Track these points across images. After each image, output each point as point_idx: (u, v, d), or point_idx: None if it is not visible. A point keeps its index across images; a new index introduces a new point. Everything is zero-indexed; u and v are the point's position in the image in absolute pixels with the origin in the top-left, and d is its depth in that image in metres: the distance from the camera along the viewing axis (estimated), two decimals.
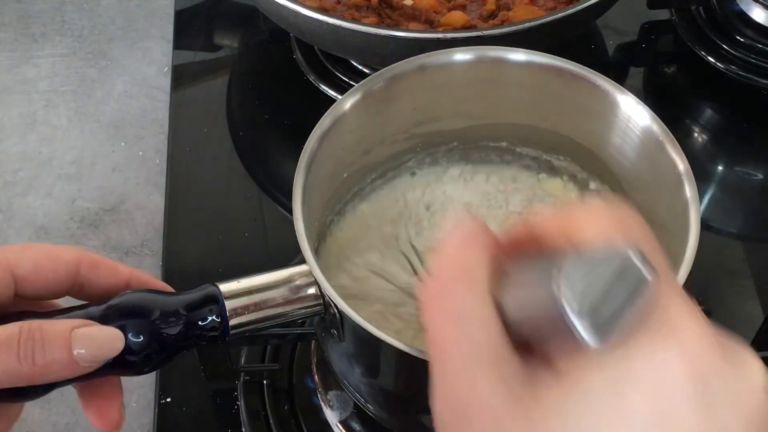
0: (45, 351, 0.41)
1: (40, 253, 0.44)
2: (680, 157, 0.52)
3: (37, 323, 0.41)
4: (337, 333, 0.50)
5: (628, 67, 0.90)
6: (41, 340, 0.41)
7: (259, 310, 0.48)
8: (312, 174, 0.53)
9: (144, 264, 0.77)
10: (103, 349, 0.43)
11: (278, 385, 0.64)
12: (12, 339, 0.40)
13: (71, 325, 0.42)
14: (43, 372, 0.41)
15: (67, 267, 0.45)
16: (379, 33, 0.71)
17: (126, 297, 0.45)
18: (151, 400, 0.68)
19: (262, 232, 0.76)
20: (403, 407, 0.54)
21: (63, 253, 0.45)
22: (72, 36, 0.98)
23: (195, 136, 0.84)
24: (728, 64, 0.86)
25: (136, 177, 0.84)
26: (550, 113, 0.61)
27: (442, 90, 0.60)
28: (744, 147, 0.84)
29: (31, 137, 0.88)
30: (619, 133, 0.57)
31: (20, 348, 0.40)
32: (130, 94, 0.92)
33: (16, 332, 0.41)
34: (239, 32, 0.95)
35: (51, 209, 0.82)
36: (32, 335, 0.41)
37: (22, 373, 0.41)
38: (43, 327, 0.41)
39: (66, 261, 0.45)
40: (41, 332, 0.41)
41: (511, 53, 0.59)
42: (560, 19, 0.72)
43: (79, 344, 0.42)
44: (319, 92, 0.86)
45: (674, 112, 0.86)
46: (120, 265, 0.47)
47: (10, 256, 0.44)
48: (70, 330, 0.42)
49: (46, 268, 0.44)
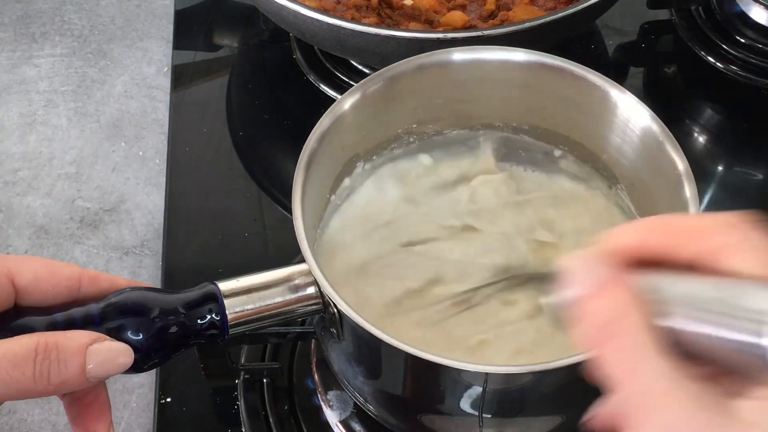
0: (60, 370, 0.41)
1: (41, 266, 0.44)
2: (680, 157, 0.52)
3: (53, 339, 0.41)
4: (337, 332, 0.50)
5: (628, 67, 0.90)
6: (57, 361, 0.41)
7: (259, 308, 0.48)
8: (311, 174, 0.53)
9: (144, 264, 0.77)
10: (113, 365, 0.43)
11: (278, 384, 0.64)
12: (28, 359, 0.40)
13: (86, 341, 0.42)
14: (55, 389, 0.41)
15: (67, 282, 0.45)
16: (379, 33, 0.71)
17: (125, 295, 0.45)
18: (151, 400, 0.68)
19: (262, 232, 0.76)
20: (403, 407, 0.54)
21: (63, 268, 0.45)
22: (72, 36, 0.98)
23: (195, 136, 0.84)
24: (728, 64, 0.86)
25: (136, 177, 0.84)
26: (549, 113, 0.61)
27: (442, 90, 0.60)
28: (744, 147, 0.84)
29: (31, 137, 0.88)
30: (619, 133, 0.57)
31: (36, 368, 0.40)
32: (130, 94, 0.92)
33: (32, 351, 0.40)
34: (239, 32, 0.95)
35: (51, 209, 0.82)
36: (48, 355, 0.40)
37: (36, 391, 0.41)
38: (59, 345, 0.41)
39: (66, 276, 0.45)
40: (57, 351, 0.41)
41: (510, 53, 0.59)
42: (560, 19, 0.72)
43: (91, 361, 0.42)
44: (319, 92, 0.86)
45: (674, 112, 0.86)
46: (118, 278, 0.47)
47: (11, 265, 0.44)
48: (86, 347, 0.42)
49: (47, 281, 0.44)
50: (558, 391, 0.50)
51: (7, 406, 0.69)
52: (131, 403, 0.69)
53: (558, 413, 0.52)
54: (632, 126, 0.56)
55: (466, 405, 0.49)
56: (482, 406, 0.48)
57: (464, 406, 0.49)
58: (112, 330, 0.44)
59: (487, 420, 0.50)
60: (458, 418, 0.51)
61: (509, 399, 0.50)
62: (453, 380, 0.48)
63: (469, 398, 0.48)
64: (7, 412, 0.69)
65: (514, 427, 0.53)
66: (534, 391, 0.49)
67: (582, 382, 0.50)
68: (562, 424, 0.52)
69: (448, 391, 0.49)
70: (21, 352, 0.40)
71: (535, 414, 0.52)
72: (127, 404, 0.69)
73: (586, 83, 0.57)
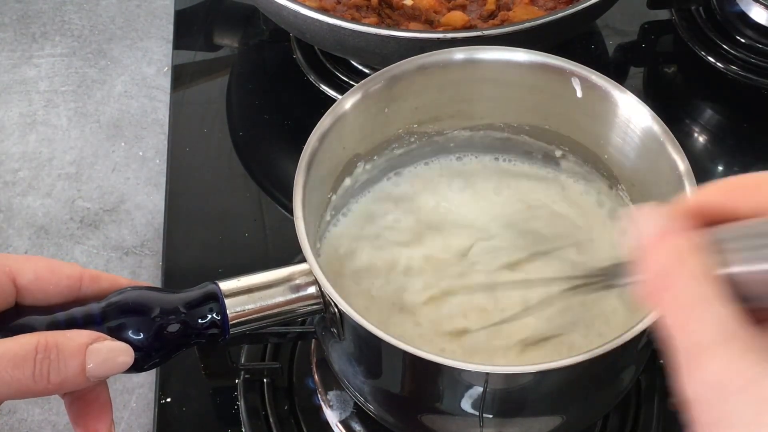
0: (60, 370, 0.41)
1: (42, 265, 0.44)
2: (681, 158, 0.52)
3: (53, 339, 0.41)
4: (337, 332, 0.50)
5: (628, 67, 0.90)
6: (57, 360, 0.41)
7: (259, 308, 0.48)
8: (312, 174, 0.53)
9: (144, 264, 0.77)
10: (113, 365, 0.43)
11: (278, 384, 0.64)
12: (28, 359, 0.40)
13: (86, 340, 0.42)
14: (55, 389, 0.41)
15: (68, 281, 0.45)
16: (379, 33, 0.71)
17: (126, 294, 0.45)
18: (151, 400, 0.68)
19: (262, 232, 0.76)
20: (403, 407, 0.54)
21: (64, 268, 0.45)
22: (72, 36, 0.98)
23: (195, 136, 0.84)
24: (728, 64, 0.87)
25: (136, 177, 0.84)
26: (550, 113, 0.61)
27: (442, 90, 0.60)
28: (744, 147, 0.84)
29: (31, 137, 0.88)
30: (620, 133, 0.57)
31: (36, 367, 0.40)
32: (130, 94, 0.92)
33: (32, 350, 0.40)
34: (239, 32, 0.95)
35: (51, 209, 0.82)
36: (48, 354, 0.41)
37: (36, 390, 0.41)
38: (59, 344, 0.41)
39: (67, 275, 0.45)
40: (57, 351, 0.41)
41: (511, 53, 0.59)
42: (560, 19, 0.72)
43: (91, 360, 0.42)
44: (319, 92, 0.86)
45: (674, 112, 0.86)
46: (119, 277, 0.47)
47: (13, 264, 0.44)
48: (85, 347, 0.42)
49: (48, 281, 0.44)
50: (559, 391, 0.50)
51: (7, 406, 0.69)
52: (131, 403, 0.69)
53: (559, 413, 0.52)
54: (633, 126, 0.56)
55: (467, 405, 0.49)
56: (483, 406, 0.48)
57: (465, 406, 0.49)
58: (113, 329, 0.44)
59: (487, 420, 0.50)
60: (458, 418, 0.51)
61: (510, 399, 0.50)
62: (453, 380, 0.48)
63: (470, 398, 0.48)
64: (7, 412, 0.69)
65: (514, 427, 0.53)
66: (535, 391, 0.49)
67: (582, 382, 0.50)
68: (562, 424, 0.52)
69: (448, 391, 0.49)
70: (21, 351, 0.40)
71: (535, 414, 0.52)
72: (127, 404, 0.69)
73: (586, 83, 0.57)
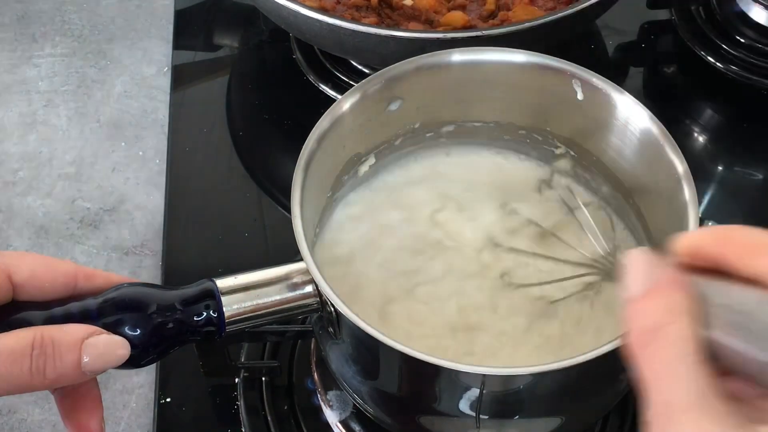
0: (56, 365, 0.41)
1: (37, 262, 0.44)
2: (679, 159, 0.52)
3: (48, 334, 0.41)
4: (334, 331, 0.50)
5: (627, 67, 0.90)
6: (53, 356, 0.41)
7: (256, 306, 0.48)
8: (311, 174, 0.53)
9: (144, 264, 0.77)
10: (109, 358, 0.43)
11: (277, 383, 0.64)
12: (24, 354, 0.40)
13: (82, 335, 0.42)
14: (51, 384, 0.41)
15: (64, 278, 0.45)
16: (379, 33, 0.71)
17: (123, 290, 0.45)
18: (150, 400, 0.68)
19: (262, 232, 0.76)
20: (400, 407, 0.54)
21: (59, 264, 0.45)
22: (72, 36, 0.98)
23: (195, 136, 0.84)
24: (728, 64, 0.86)
25: (136, 177, 0.84)
26: (549, 114, 0.61)
27: (442, 90, 0.60)
28: (744, 147, 0.84)
29: (31, 137, 0.88)
30: (619, 134, 0.57)
31: (32, 363, 0.40)
32: (130, 94, 0.92)
33: (28, 345, 0.41)
34: (239, 32, 0.95)
35: (51, 209, 0.82)
36: (44, 350, 0.41)
37: (33, 385, 0.41)
38: (55, 338, 0.41)
39: (63, 272, 0.45)
40: (53, 346, 0.41)
41: (510, 54, 0.59)
42: (560, 19, 0.72)
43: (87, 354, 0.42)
44: (319, 92, 0.86)
45: (674, 112, 0.86)
46: (114, 275, 0.47)
47: (9, 261, 0.44)
48: (81, 341, 0.42)
49: (44, 278, 0.44)
50: (557, 393, 0.50)
51: (6, 406, 0.69)
52: (131, 403, 0.69)
53: (556, 415, 0.52)
54: (632, 128, 0.56)
55: (464, 406, 0.49)
56: (479, 408, 0.48)
57: (461, 407, 0.49)
58: (109, 325, 0.44)
59: (484, 421, 0.50)
60: (455, 419, 0.51)
61: (507, 400, 0.49)
62: (449, 381, 0.48)
63: (467, 399, 0.48)
64: (7, 412, 0.69)
65: (512, 429, 0.53)
66: (532, 392, 0.49)
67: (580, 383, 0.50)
68: (561, 426, 0.52)
69: (444, 392, 0.49)
70: (18, 347, 0.41)
71: (533, 415, 0.52)
72: (127, 404, 0.69)
73: (586, 85, 0.57)
